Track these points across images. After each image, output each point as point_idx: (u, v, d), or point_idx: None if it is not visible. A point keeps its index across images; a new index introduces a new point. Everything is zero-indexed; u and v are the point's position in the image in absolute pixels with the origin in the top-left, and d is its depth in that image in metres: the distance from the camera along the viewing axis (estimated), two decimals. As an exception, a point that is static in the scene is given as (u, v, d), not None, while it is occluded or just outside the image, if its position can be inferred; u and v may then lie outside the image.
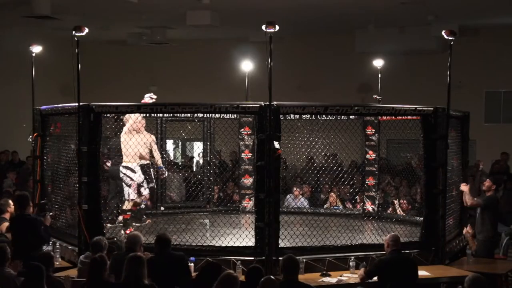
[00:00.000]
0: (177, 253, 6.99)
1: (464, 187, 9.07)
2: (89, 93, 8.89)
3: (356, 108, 8.38)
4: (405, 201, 10.84)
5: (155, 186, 10.24)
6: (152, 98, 9.31)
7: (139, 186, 9.30)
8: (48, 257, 6.58)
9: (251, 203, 11.04)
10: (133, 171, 9.23)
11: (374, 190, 10.88)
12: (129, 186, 9.22)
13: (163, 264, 6.62)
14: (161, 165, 9.91)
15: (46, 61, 11.55)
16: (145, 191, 9.46)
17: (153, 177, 9.75)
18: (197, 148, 12.54)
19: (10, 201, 9.51)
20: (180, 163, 12.06)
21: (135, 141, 9.21)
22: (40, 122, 9.49)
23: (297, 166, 12.54)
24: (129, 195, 9.25)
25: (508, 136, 16.50)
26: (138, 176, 9.27)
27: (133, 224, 9.47)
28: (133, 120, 9.23)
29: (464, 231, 9.24)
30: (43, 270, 5.84)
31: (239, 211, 11.40)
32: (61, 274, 7.19)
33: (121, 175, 9.29)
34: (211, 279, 5.64)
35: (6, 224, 8.44)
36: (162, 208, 11.14)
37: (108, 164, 10.15)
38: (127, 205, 9.29)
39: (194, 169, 13.41)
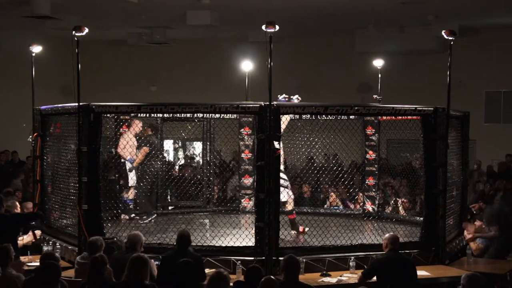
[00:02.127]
0: (195, 254, 6.95)
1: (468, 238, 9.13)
2: (89, 93, 8.89)
3: (356, 108, 8.37)
4: (406, 200, 10.84)
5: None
6: (299, 99, 9.12)
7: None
8: (53, 259, 6.59)
9: (251, 203, 11.04)
10: (284, 173, 9.08)
11: (374, 190, 10.88)
12: (286, 187, 9.08)
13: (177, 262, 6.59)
14: None
15: (46, 61, 11.57)
16: (291, 195, 9.35)
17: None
18: (197, 148, 12.52)
19: (17, 203, 9.54)
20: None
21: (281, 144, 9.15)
22: (40, 122, 9.49)
23: (297, 166, 12.53)
24: (288, 196, 9.13)
25: (508, 136, 16.52)
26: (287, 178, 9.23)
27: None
28: (284, 124, 9.09)
29: (464, 233, 9.21)
30: (59, 269, 5.86)
31: (239, 211, 11.39)
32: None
33: None
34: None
35: None
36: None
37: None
38: (288, 206, 9.18)
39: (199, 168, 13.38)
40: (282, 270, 6.15)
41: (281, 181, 8.92)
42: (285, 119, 9.02)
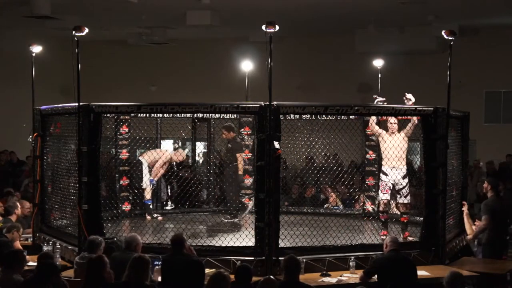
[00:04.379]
0: (193, 257, 6.88)
1: (465, 214, 9.04)
2: (89, 93, 8.89)
3: (356, 108, 8.37)
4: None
5: None
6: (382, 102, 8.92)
7: (394, 189, 8.95)
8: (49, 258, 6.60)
9: (251, 203, 11.03)
10: (384, 174, 8.99)
11: (374, 190, 10.88)
12: (382, 189, 9.00)
13: (177, 265, 6.59)
14: None
15: (46, 61, 11.56)
16: (402, 199, 8.99)
17: None
18: (197, 148, 12.53)
19: (18, 203, 9.53)
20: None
21: (386, 144, 8.94)
22: (40, 122, 9.49)
23: (297, 166, 12.53)
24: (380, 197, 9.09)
25: (508, 136, 16.52)
26: (390, 179, 8.92)
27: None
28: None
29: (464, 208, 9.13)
30: (57, 267, 5.88)
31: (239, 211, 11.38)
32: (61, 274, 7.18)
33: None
34: None
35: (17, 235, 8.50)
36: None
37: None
38: (383, 207, 9.04)
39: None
40: (283, 270, 6.15)
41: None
42: (411, 124, 8.84)
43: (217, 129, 11.21)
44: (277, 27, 7.61)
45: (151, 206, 10.59)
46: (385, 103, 8.86)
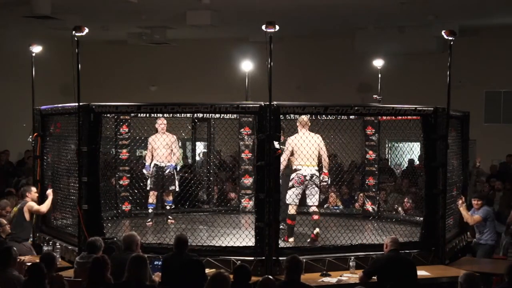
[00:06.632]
0: (193, 257, 6.86)
1: (461, 205, 9.05)
2: (89, 93, 8.88)
3: (356, 108, 8.38)
4: (408, 201, 10.82)
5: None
6: None
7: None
8: (51, 258, 6.60)
9: (251, 203, 11.04)
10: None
11: (374, 190, 10.88)
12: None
13: (177, 265, 6.60)
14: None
15: (46, 61, 11.57)
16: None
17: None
18: (197, 148, 12.55)
19: (33, 188, 9.37)
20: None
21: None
22: (40, 122, 9.49)
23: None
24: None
25: (508, 136, 16.52)
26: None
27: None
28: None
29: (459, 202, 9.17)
30: (44, 270, 5.87)
31: (239, 211, 11.40)
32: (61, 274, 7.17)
33: None
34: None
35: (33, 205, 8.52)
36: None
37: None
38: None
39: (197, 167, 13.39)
40: (285, 270, 6.14)
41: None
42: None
43: (217, 129, 11.21)
44: (277, 27, 7.61)
45: (150, 211, 10.21)
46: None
